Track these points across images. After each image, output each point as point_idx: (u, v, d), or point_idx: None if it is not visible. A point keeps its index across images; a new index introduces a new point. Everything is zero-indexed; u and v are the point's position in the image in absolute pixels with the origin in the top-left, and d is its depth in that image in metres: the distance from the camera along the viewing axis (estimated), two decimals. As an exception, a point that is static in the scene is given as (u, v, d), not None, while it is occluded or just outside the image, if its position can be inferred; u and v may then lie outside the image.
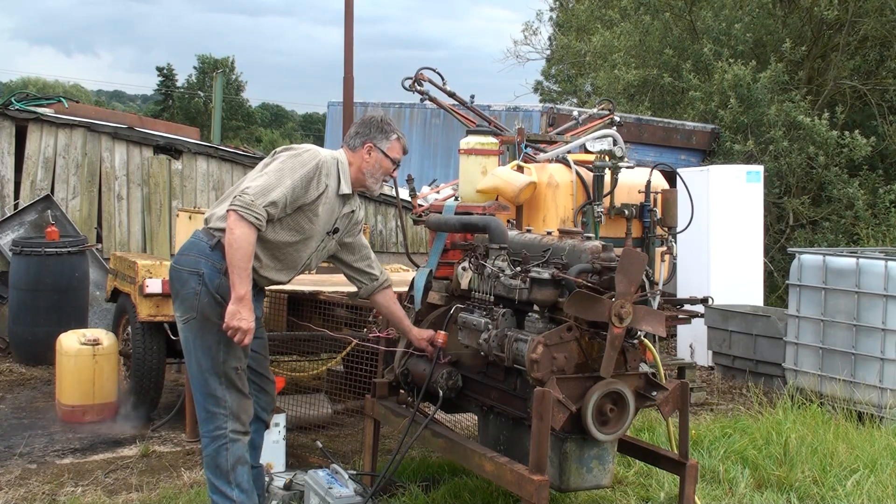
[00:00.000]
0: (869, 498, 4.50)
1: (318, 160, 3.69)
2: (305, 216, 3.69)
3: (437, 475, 4.72)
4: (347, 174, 3.83)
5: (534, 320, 3.69)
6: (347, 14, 10.52)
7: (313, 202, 3.68)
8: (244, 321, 3.47)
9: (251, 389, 3.79)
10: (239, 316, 3.46)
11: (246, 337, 3.49)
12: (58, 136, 9.39)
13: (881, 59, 13.41)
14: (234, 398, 3.64)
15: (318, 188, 3.68)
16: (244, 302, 3.47)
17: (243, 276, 3.48)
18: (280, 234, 3.67)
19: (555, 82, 20.93)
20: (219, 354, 3.60)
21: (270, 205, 3.54)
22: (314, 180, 3.66)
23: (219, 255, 3.60)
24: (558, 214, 5.40)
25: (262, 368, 3.97)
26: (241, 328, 3.47)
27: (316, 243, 3.82)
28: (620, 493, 4.48)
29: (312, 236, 3.76)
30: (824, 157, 11.54)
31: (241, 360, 3.67)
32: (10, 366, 7.65)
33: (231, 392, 3.63)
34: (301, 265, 3.85)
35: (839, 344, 6.64)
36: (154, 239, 9.71)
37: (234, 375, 3.63)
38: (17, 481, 4.76)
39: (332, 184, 3.74)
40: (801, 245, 11.06)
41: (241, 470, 3.65)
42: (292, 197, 3.60)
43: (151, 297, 5.77)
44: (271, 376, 4.05)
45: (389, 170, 3.92)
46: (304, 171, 3.64)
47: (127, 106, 50.28)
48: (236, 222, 3.49)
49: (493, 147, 5.18)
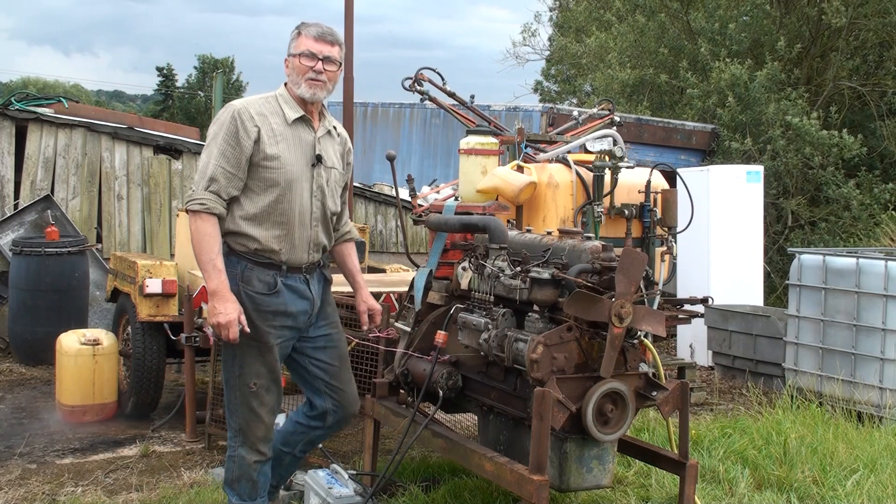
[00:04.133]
0: (869, 498, 4.50)
1: (232, 110, 3.39)
2: (262, 166, 3.39)
3: (437, 475, 4.72)
4: (290, 100, 3.51)
5: (534, 320, 3.69)
6: (347, 14, 10.49)
7: (257, 150, 3.38)
8: (220, 315, 3.26)
9: (328, 403, 3.66)
10: (215, 311, 3.27)
11: (229, 331, 3.28)
12: (58, 136, 9.38)
13: (880, 60, 13.41)
14: (244, 416, 3.48)
15: (249, 135, 3.36)
16: (217, 296, 3.27)
17: (208, 268, 3.29)
18: (258, 198, 3.41)
19: (554, 82, 20.94)
20: (234, 367, 3.46)
21: (210, 182, 3.33)
22: (238, 131, 3.36)
23: (231, 260, 3.42)
24: (558, 214, 5.41)
25: (338, 380, 3.70)
26: (220, 323, 3.27)
27: (304, 183, 3.48)
28: (620, 493, 4.48)
29: (292, 179, 3.43)
30: (820, 158, 11.55)
31: (260, 377, 3.45)
32: (10, 366, 7.65)
33: (242, 409, 3.47)
34: (305, 217, 3.49)
35: (839, 344, 6.64)
36: (154, 239, 9.71)
37: (247, 392, 3.45)
38: (17, 481, 4.75)
39: (270, 120, 3.42)
40: (799, 246, 11.07)
41: (245, 485, 3.52)
42: (229, 161, 3.34)
43: (151, 297, 5.77)
44: (349, 388, 3.76)
45: (306, 66, 3.46)
46: (223, 130, 3.37)
47: (127, 106, 50.22)
48: (191, 220, 3.34)
49: (493, 147, 5.18)
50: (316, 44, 3.48)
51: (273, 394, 3.53)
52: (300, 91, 3.48)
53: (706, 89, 12.91)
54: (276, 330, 3.47)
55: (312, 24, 3.54)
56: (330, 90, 3.55)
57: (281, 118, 3.47)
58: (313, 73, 3.46)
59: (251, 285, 3.42)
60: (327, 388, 3.68)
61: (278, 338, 3.49)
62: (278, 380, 3.54)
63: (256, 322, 3.41)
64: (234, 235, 3.44)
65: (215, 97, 19.59)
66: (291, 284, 3.49)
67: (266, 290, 3.43)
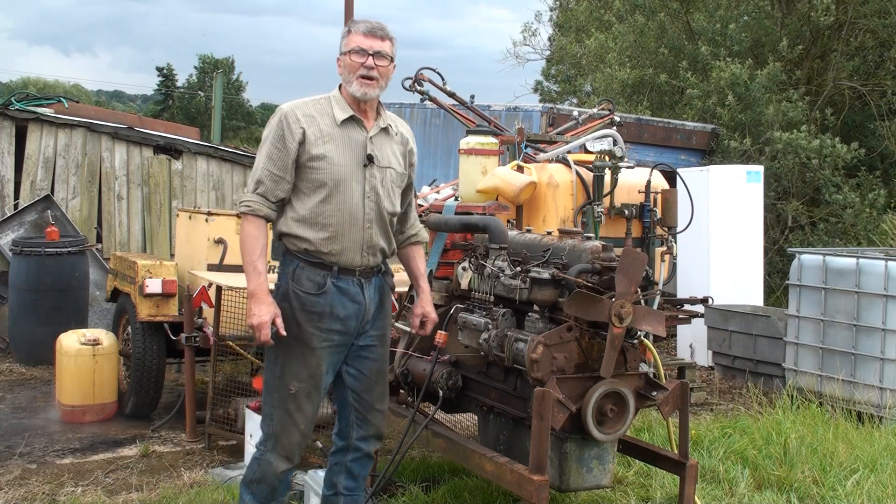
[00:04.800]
0: (869, 498, 4.50)
1: (280, 114, 3.38)
2: (309, 167, 3.34)
3: (437, 475, 4.72)
4: (341, 100, 3.45)
5: (534, 320, 3.69)
6: (347, 14, 10.52)
7: (303, 151, 3.34)
8: (254, 317, 3.24)
9: (352, 415, 3.53)
10: (250, 313, 3.25)
11: (261, 334, 3.23)
12: (58, 136, 9.39)
13: (881, 61, 13.41)
14: (279, 419, 3.37)
15: (294, 137, 3.33)
16: (253, 298, 3.25)
17: (249, 270, 3.29)
18: (307, 199, 3.36)
19: (555, 82, 20.92)
20: (275, 369, 3.38)
21: (258, 185, 3.34)
22: (285, 133, 3.33)
23: (286, 259, 3.40)
24: (558, 214, 5.41)
25: (368, 395, 3.53)
26: (253, 325, 3.24)
27: (354, 184, 3.38)
28: (620, 493, 4.48)
29: (339, 179, 3.35)
30: (817, 160, 11.55)
31: (301, 380, 3.34)
32: (10, 366, 7.65)
33: (278, 412, 3.37)
34: (357, 218, 3.39)
35: (839, 344, 6.64)
36: (154, 239, 9.71)
37: (286, 395, 3.34)
38: (17, 481, 4.76)
39: (319, 120, 3.38)
40: (798, 247, 11.06)
41: (264, 489, 3.43)
42: (275, 164, 3.33)
43: (151, 297, 5.77)
44: (381, 406, 3.60)
45: (357, 63, 3.37)
46: (271, 134, 3.36)
47: (127, 106, 50.21)
48: (241, 224, 3.40)
49: (493, 147, 5.19)
50: (366, 39, 3.39)
51: (313, 402, 3.39)
52: (352, 90, 3.40)
53: (706, 89, 12.91)
54: (322, 332, 3.36)
55: (362, 21, 3.45)
56: (383, 87, 3.46)
57: (330, 119, 3.41)
58: (364, 70, 3.37)
59: (300, 284, 3.36)
60: (355, 400, 3.54)
61: (324, 341, 3.37)
62: (319, 388, 3.39)
63: (301, 322, 3.34)
64: (288, 237, 3.41)
65: (215, 97, 19.60)
66: (342, 287, 3.39)
67: (314, 290, 3.35)
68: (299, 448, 3.42)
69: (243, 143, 27.91)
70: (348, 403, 3.54)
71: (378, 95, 3.45)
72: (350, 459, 3.58)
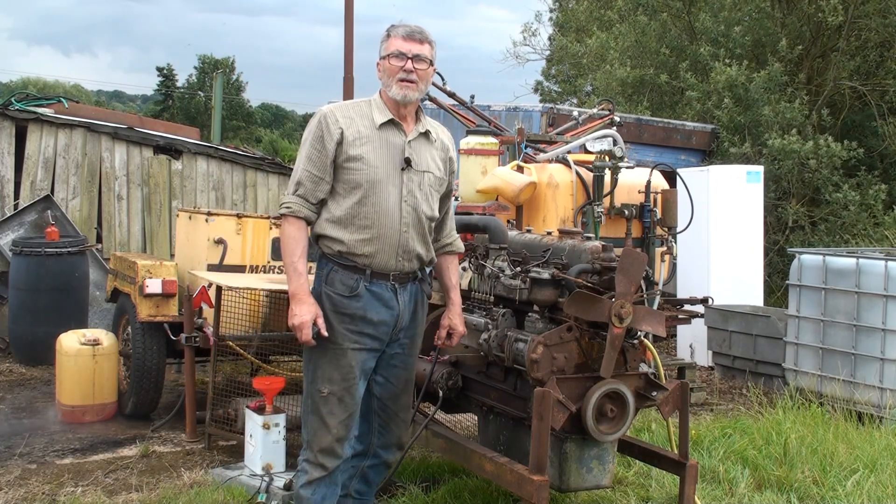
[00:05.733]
0: (869, 498, 4.50)
1: (320, 115, 3.41)
2: (345, 168, 3.35)
3: (437, 475, 4.72)
4: (381, 104, 3.46)
5: (534, 320, 3.69)
6: (347, 14, 10.53)
7: (340, 152, 3.35)
8: (295, 317, 3.25)
9: (375, 422, 3.53)
10: (291, 313, 3.27)
11: (302, 333, 3.25)
12: (58, 137, 9.39)
13: (881, 60, 13.41)
14: (312, 424, 3.38)
15: (333, 138, 3.35)
16: (294, 298, 3.27)
17: (289, 271, 3.30)
18: (343, 201, 3.37)
19: (555, 82, 20.91)
20: (309, 372, 3.39)
21: (298, 186, 3.36)
22: (324, 135, 3.36)
23: (321, 262, 3.42)
24: (558, 214, 5.41)
25: (393, 403, 3.54)
26: (294, 325, 3.26)
27: (391, 187, 3.38)
28: (620, 493, 4.48)
29: (375, 181, 3.35)
30: (815, 161, 11.55)
31: (333, 383, 3.33)
32: (10, 366, 7.65)
33: (312, 417, 3.37)
34: (393, 221, 3.37)
35: (839, 344, 6.64)
36: (154, 239, 9.71)
37: (318, 398, 3.35)
38: (17, 481, 4.75)
39: (358, 122, 3.39)
40: (798, 247, 11.06)
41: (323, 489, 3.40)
42: (315, 165, 3.36)
43: (151, 297, 5.77)
44: (405, 415, 3.61)
45: (396, 66, 3.39)
46: (311, 135, 3.39)
47: (127, 106, 50.21)
48: (281, 225, 3.40)
49: (493, 147, 5.19)
50: (405, 43, 3.41)
51: (346, 406, 3.36)
52: (392, 93, 3.42)
53: (706, 90, 12.91)
54: (353, 334, 3.35)
55: (401, 25, 3.47)
56: (423, 90, 3.48)
57: (369, 121, 3.42)
58: (403, 73, 3.38)
59: (333, 287, 3.37)
60: (379, 408, 3.54)
61: (355, 343, 3.36)
62: (353, 393, 3.37)
63: (333, 323, 3.34)
64: (322, 238, 3.43)
65: (215, 97, 19.59)
66: (376, 291, 3.38)
67: (346, 293, 3.35)
68: (331, 451, 3.36)
69: (243, 143, 27.93)
70: (372, 409, 3.55)
71: (418, 98, 3.48)
72: (368, 465, 3.60)
